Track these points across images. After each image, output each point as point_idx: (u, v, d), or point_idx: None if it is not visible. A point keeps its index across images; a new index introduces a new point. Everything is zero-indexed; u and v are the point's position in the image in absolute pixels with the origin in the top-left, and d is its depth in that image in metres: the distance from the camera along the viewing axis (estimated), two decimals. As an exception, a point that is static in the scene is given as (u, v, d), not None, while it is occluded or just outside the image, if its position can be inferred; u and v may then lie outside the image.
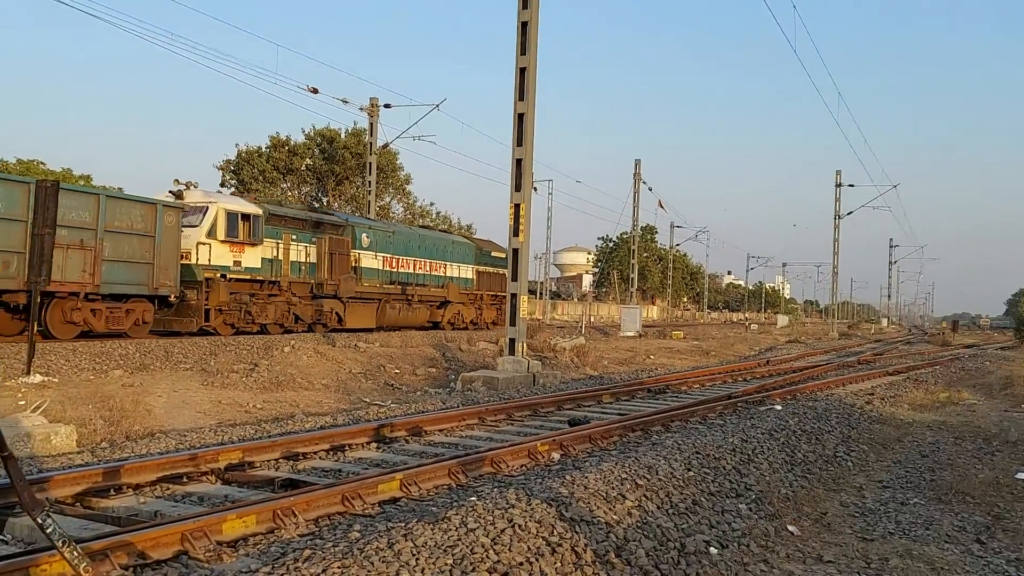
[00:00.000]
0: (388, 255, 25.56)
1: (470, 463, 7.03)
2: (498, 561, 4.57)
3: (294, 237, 21.52)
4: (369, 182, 31.93)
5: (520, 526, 5.07)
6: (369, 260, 24.66)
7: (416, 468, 6.53)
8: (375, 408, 11.38)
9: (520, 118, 15.83)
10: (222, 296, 19.14)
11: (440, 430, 9.42)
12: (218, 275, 19.09)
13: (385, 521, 5.17)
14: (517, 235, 16.05)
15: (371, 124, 31.68)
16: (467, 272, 29.03)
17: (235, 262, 19.63)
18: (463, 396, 13.30)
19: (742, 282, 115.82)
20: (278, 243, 20.99)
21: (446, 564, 4.41)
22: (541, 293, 59.81)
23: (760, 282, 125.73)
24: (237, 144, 46.12)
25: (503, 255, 30.98)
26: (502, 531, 4.95)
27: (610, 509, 5.78)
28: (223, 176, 41.62)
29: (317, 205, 43.00)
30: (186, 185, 19.73)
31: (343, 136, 42.41)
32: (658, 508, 6.11)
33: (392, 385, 15.18)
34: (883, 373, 20.37)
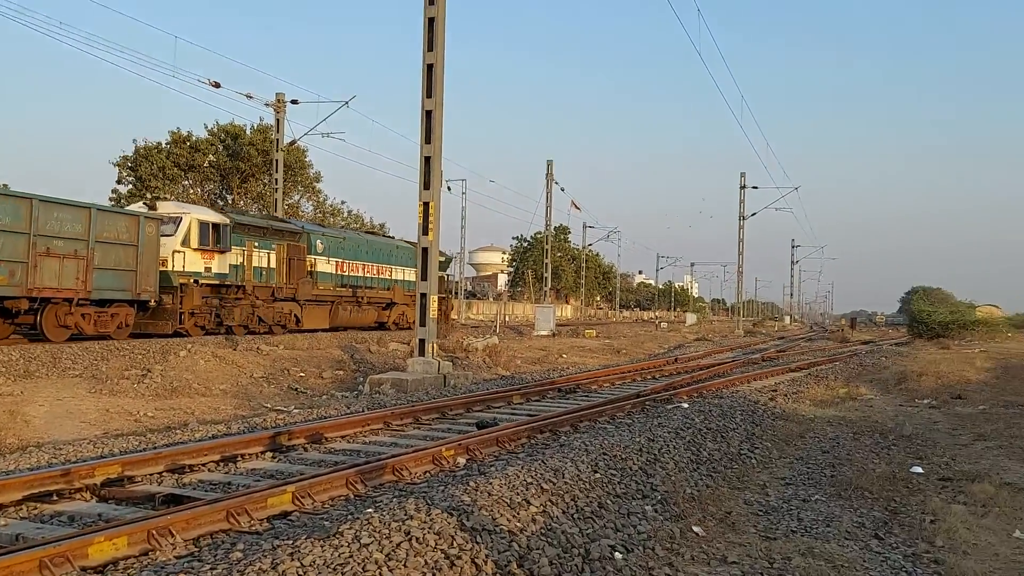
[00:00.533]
0: (340, 260, 26.71)
1: (370, 471, 6.73)
2: (391, 578, 4.31)
3: (256, 244, 22.57)
4: (276, 180, 31.00)
5: (418, 539, 4.81)
6: (323, 265, 25.76)
7: (311, 479, 6.20)
8: (275, 414, 10.91)
9: (428, 115, 15.53)
10: (195, 300, 20.22)
11: (342, 436, 9.06)
12: (191, 281, 20.11)
13: (272, 538, 4.83)
14: (426, 233, 15.75)
15: (277, 120, 30.76)
16: (410, 275, 29.87)
17: (206, 268, 20.74)
18: (370, 399, 12.94)
19: (652, 281, 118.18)
20: (242, 250, 22.05)
21: (334, 585, 4.12)
22: (457, 292, 59.46)
23: (670, 281, 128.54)
24: (135, 140, 44.21)
25: (442, 258, 32.45)
26: (398, 545, 4.69)
27: (514, 516, 5.59)
28: (119, 173, 39.70)
29: (221, 203, 41.55)
30: (157, 197, 21.19)
31: (248, 132, 41.09)
32: (563, 513, 5.95)
33: (296, 389, 14.65)
34: (786, 370, 20.93)
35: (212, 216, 21.33)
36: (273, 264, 23.25)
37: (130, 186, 39.36)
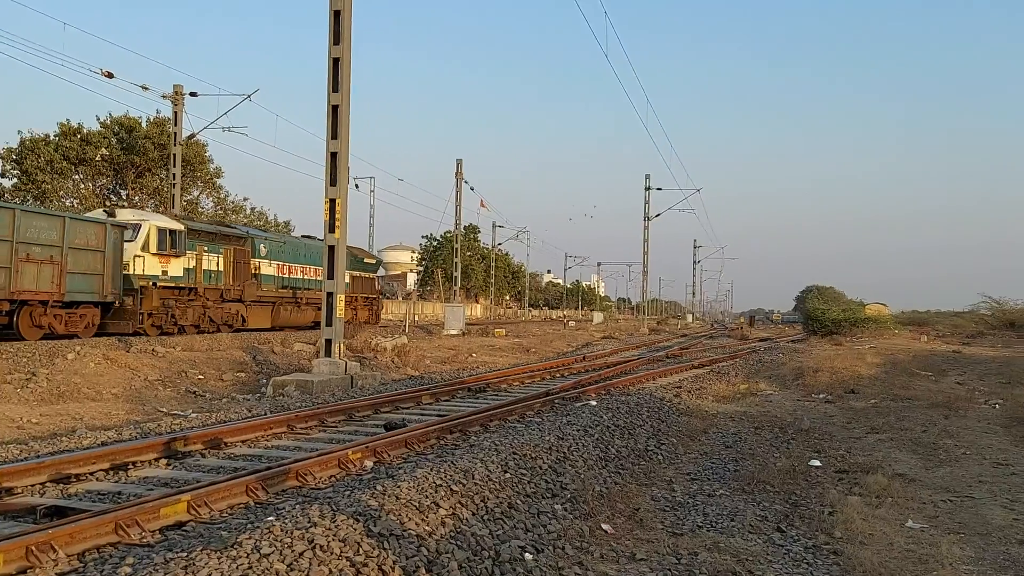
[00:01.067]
0: (281, 263, 28.24)
1: (272, 477, 6.48)
2: (294, 589, 4.12)
3: (206, 248, 23.80)
4: (174, 175, 29.79)
5: (322, 547, 4.63)
6: (266, 268, 27.21)
7: (208, 487, 5.90)
8: (171, 419, 10.41)
9: (334, 110, 15.18)
10: (154, 302, 21.45)
11: (243, 441, 8.71)
12: (150, 283, 21.36)
13: (165, 551, 4.55)
14: (333, 231, 15.39)
15: (175, 113, 29.55)
16: (346, 277, 30.00)
17: (163, 272, 22.09)
18: (273, 402, 12.53)
19: (561, 281, 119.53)
20: (194, 254, 23.31)
21: (231, 599, 3.90)
22: (384, 293, 58.67)
23: (577, 281, 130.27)
24: (20, 131, 41.69)
25: (373, 260, 36.81)
26: (301, 554, 4.49)
27: (423, 520, 5.46)
28: (3, 166, 37.35)
29: (115, 199, 39.69)
30: (116, 205, 22.82)
31: (144, 125, 39.32)
32: (473, 515, 5.86)
33: (195, 392, 14.06)
34: (689, 367, 21.45)
35: (169, 223, 22.68)
36: (221, 267, 24.57)
37: (15, 180, 37.11)
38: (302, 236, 35.11)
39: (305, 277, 29.83)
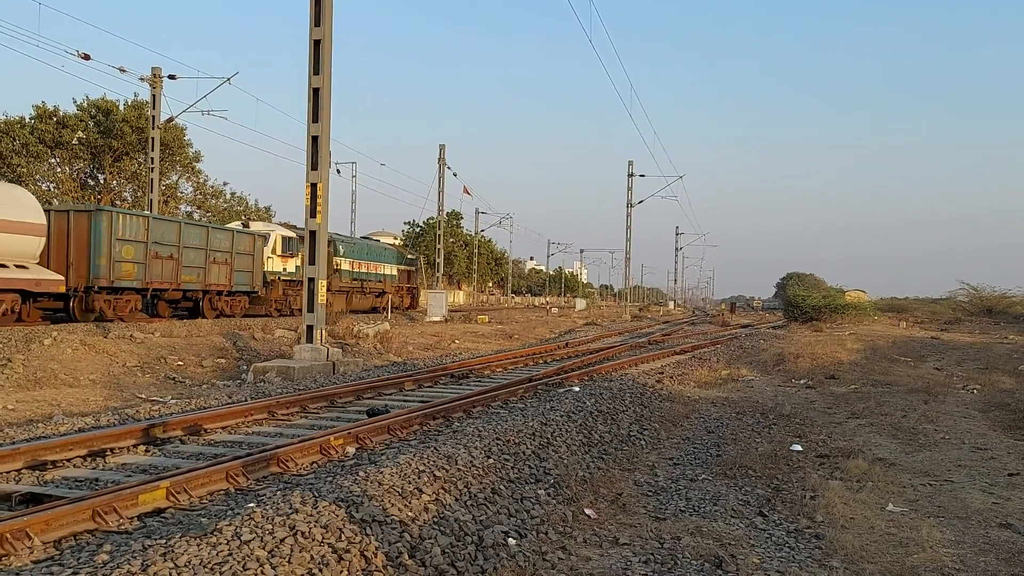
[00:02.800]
0: (352, 259, 34.93)
1: (253, 463, 6.41)
2: (275, 576, 4.07)
3: (292, 248, 29.70)
4: (152, 159, 29.39)
5: (304, 533, 4.58)
6: (344, 264, 33.97)
7: (188, 473, 5.83)
8: (150, 405, 10.29)
9: (316, 93, 15.00)
10: (279, 292, 29.12)
11: (224, 427, 8.63)
12: (277, 278, 29.06)
13: (144, 538, 4.48)
14: (314, 216, 15.24)
15: (153, 96, 29.09)
16: (393, 270, 40.39)
17: (284, 269, 29.47)
18: (254, 388, 12.43)
19: (544, 267, 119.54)
20: (300, 255, 27.66)
21: (211, 586, 3.85)
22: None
23: (560, 267, 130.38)
24: (-6, 113, 41.00)
25: (412, 256, 45.48)
26: (282, 541, 4.45)
27: (406, 506, 5.42)
28: (-24, 148, 36.72)
29: (92, 183, 39.16)
30: (248, 218, 32.22)
31: (122, 108, 38.73)
32: (456, 500, 5.83)
33: (174, 379, 13.92)
34: (671, 353, 21.53)
35: (288, 232, 30.26)
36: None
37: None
38: (362, 237, 43.55)
39: (367, 271, 36.67)
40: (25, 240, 17.97)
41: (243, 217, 33.93)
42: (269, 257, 28.35)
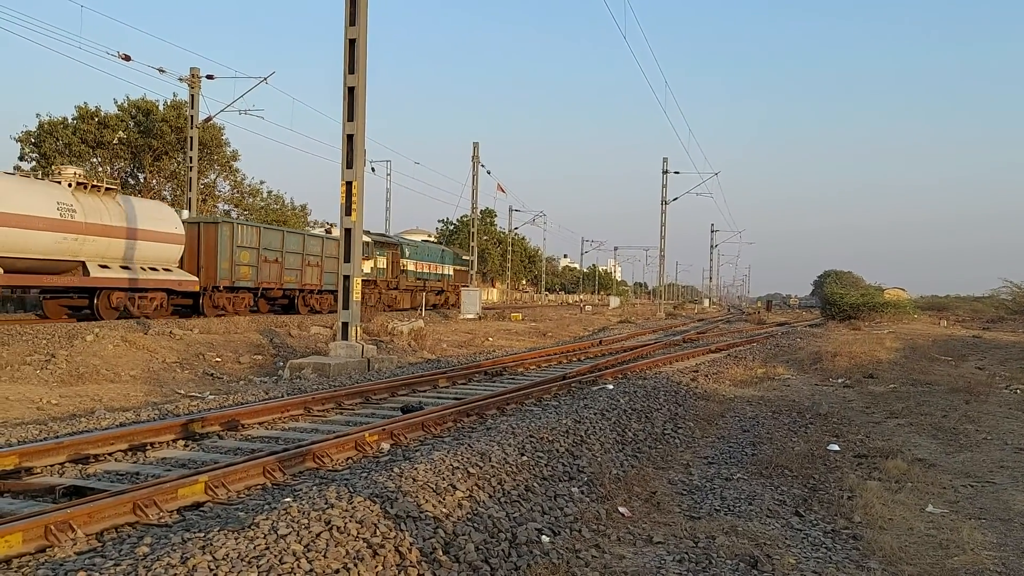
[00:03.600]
0: (415, 260, 39.32)
1: (289, 459, 6.49)
2: (311, 570, 4.11)
3: (378, 253, 34.34)
4: (191, 158, 29.87)
5: (339, 528, 4.63)
6: (409, 265, 38.39)
7: (225, 468, 5.92)
8: (189, 401, 10.46)
9: (351, 92, 15.12)
10: (362, 291, 30.99)
11: (260, 423, 8.75)
12: (363, 277, 31.05)
13: (183, 531, 4.57)
14: (349, 214, 15.37)
15: (192, 96, 29.57)
16: (450, 270, 45.13)
17: (361, 270, 31.26)
18: (290, 384, 12.57)
19: (577, 265, 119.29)
20: (374, 257, 33.84)
21: (248, 579, 3.90)
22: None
23: (594, 265, 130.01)
24: (38, 114, 41.92)
25: (468, 258, 47.60)
26: (318, 535, 4.49)
27: (440, 502, 5.45)
28: (22, 149, 37.56)
29: (132, 182, 39.86)
30: (331, 225, 34.65)
31: (161, 108, 39.40)
32: (490, 497, 5.85)
33: (212, 375, 14.13)
34: (706, 351, 21.35)
35: (364, 237, 31.19)
36: (386, 266, 35.45)
37: (33, 163, 37.32)
38: (422, 240, 48.46)
39: (429, 271, 41.35)
40: (169, 248, 21.94)
41: (326, 224, 38.76)
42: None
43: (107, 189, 20.36)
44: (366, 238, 32.28)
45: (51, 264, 18.46)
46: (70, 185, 19.33)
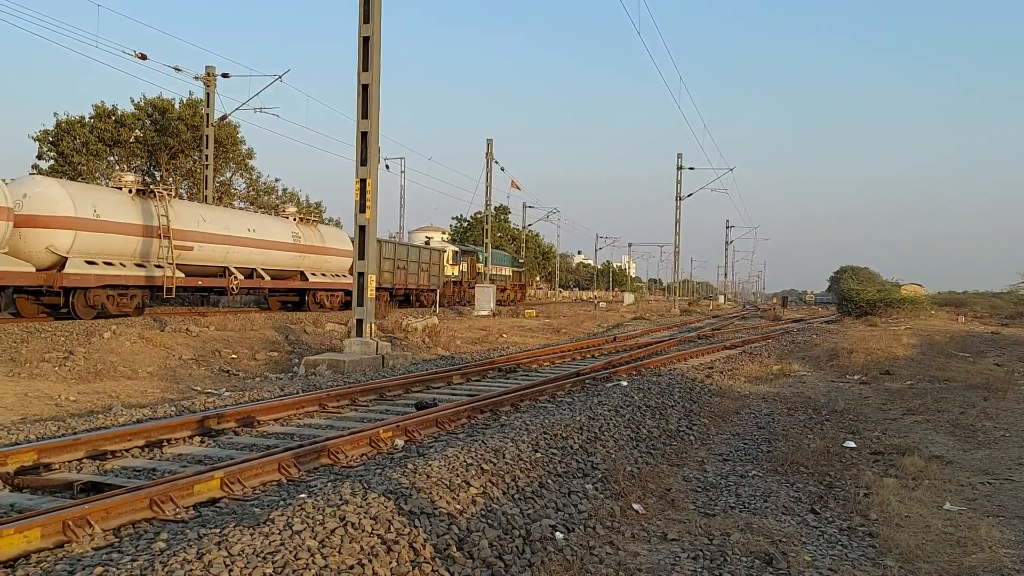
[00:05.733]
0: (488, 266, 46.18)
1: (304, 455, 6.52)
2: (325, 566, 4.13)
3: (460, 259, 44.00)
4: (206, 156, 30.03)
5: (353, 524, 4.64)
6: (482, 268, 45.90)
7: (241, 464, 5.95)
8: (205, 397, 10.53)
9: (364, 89, 15.14)
10: (450, 289, 41.52)
11: (276, 419, 8.79)
12: (449, 280, 41.50)
13: (199, 527, 4.60)
14: (363, 211, 15.39)
15: (207, 94, 29.75)
16: (509, 271, 53.45)
17: (451, 273, 42.08)
18: (305, 381, 12.62)
19: (591, 261, 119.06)
20: (460, 263, 44.10)
21: (264, 575, 3.92)
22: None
23: (608, 261, 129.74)
24: (56, 113, 42.26)
25: (522, 260, 60.26)
26: (332, 531, 4.51)
27: (453, 498, 5.46)
28: (40, 148, 37.85)
29: (149, 180, 40.09)
30: (429, 238, 45.13)
31: (177, 107, 39.61)
32: (504, 494, 5.85)
33: (228, 371, 14.22)
34: (721, 347, 21.26)
35: (454, 247, 44.58)
36: (465, 270, 44.94)
37: (52, 162, 37.63)
38: (494, 248, 53.48)
39: (496, 273, 49.01)
40: (346, 261, 28.47)
41: (426, 237, 46.84)
42: (446, 265, 41.24)
43: (311, 221, 29.38)
44: (454, 247, 43.94)
45: (286, 272, 26.85)
46: (294, 219, 28.06)
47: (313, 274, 27.94)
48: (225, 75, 29.67)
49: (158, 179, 40.04)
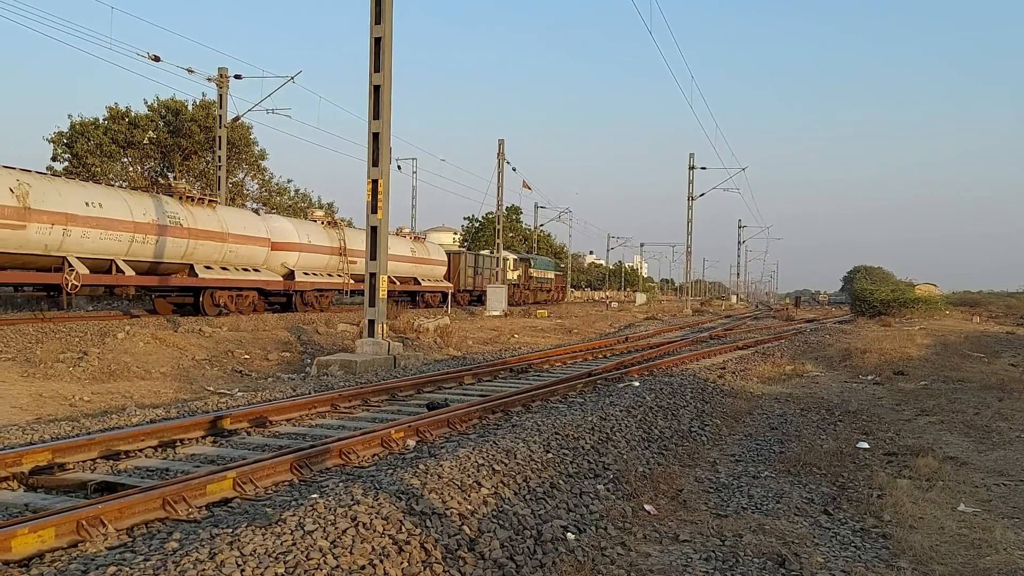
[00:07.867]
0: (536, 270, 53.39)
1: (316, 455, 6.53)
2: (337, 566, 4.14)
3: (518, 265, 49.74)
4: (219, 157, 30.19)
5: (365, 524, 4.66)
6: (533, 273, 52.75)
7: (253, 464, 5.97)
8: (218, 398, 10.58)
9: (376, 90, 15.17)
10: (510, 291, 42.68)
11: (288, 420, 8.82)
12: (511, 283, 45.54)
13: (211, 527, 4.62)
14: (375, 212, 15.42)
15: (220, 96, 29.90)
16: (552, 275, 59.36)
17: (511, 277, 46.65)
18: (317, 381, 12.66)
19: (603, 262, 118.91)
20: (517, 269, 49.61)
21: (275, 575, 3.94)
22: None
23: (620, 261, 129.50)
24: (70, 115, 42.57)
25: (562, 264, 67.32)
26: (344, 531, 4.53)
27: (465, 499, 5.46)
28: (55, 150, 38.15)
29: (162, 181, 40.34)
30: (494, 248, 48.22)
31: (190, 108, 39.85)
32: (515, 494, 5.85)
33: (241, 372, 14.28)
34: (733, 347, 21.18)
35: (515, 255, 50.95)
36: (520, 273, 50.38)
37: (66, 163, 37.92)
38: (536, 254, 63.62)
39: (543, 276, 55.30)
40: (439, 268, 38.41)
41: (490, 248, 53.18)
42: (508, 271, 47.14)
43: (417, 237, 37.42)
44: (512, 255, 50.96)
45: (404, 278, 34.40)
46: (407, 237, 35.62)
47: (421, 281, 36.88)
48: (238, 76, 29.83)
49: (172, 179, 40.27)
